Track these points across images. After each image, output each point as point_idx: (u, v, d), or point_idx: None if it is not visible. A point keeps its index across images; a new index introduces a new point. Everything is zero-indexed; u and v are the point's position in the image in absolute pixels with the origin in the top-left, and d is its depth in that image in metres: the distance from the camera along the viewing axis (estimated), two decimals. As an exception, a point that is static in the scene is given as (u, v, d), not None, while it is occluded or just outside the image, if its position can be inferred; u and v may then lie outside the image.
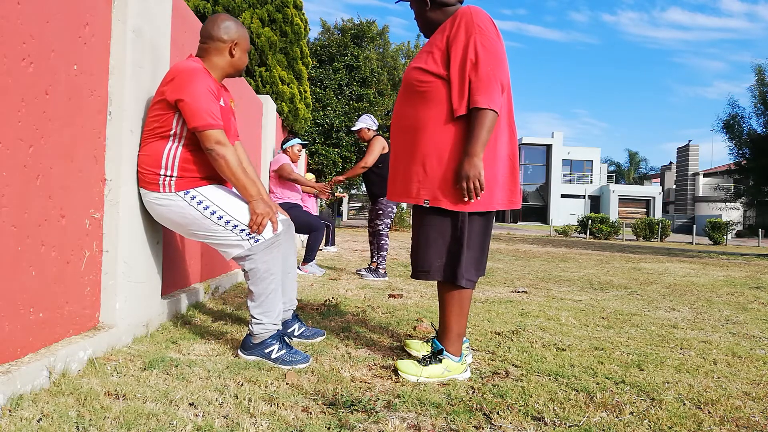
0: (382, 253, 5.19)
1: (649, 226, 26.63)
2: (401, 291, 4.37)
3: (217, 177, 2.29)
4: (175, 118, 2.17)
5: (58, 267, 1.86)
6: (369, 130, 5.32)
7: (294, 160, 5.85)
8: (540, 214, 46.89)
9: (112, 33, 2.20)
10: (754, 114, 16.13)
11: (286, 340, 2.27)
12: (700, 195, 46.58)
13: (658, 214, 42.55)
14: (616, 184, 50.99)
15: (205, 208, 2.18)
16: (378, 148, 5.15)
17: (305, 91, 9.52)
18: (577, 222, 28.47)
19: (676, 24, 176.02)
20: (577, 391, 1.98)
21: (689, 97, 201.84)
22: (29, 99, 1.67)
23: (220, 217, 2.18)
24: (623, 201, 44.41)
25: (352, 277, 5.27)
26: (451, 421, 1.65)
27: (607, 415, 1.75)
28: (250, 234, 2.17)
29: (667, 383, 2.13)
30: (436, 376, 2.01)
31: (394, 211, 5.35)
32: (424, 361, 2.04)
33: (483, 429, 1.61)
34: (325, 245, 8.54)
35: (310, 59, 10.09)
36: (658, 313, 3.90)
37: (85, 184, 2.03)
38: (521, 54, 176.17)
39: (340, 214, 29.69)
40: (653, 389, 2.04)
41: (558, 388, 2.00)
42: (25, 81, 1.65)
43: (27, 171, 1.67)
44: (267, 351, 2.16)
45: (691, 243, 24.23)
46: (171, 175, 2.19)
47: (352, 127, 5.40)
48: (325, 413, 1.65)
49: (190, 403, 1.65)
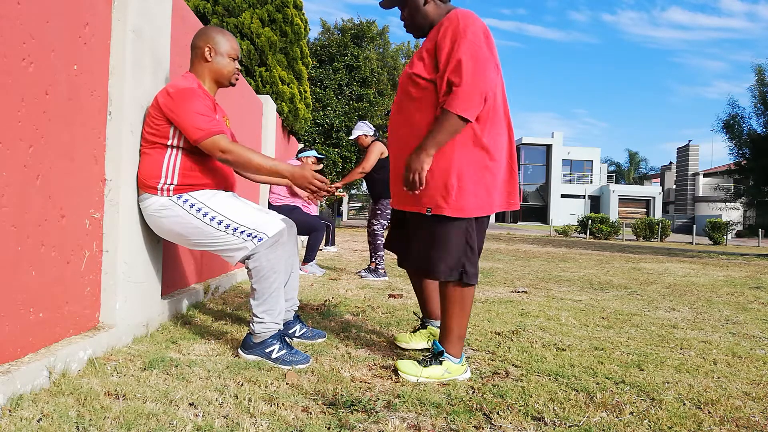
0: (379, 253, 5.20)
1: (649, 226, 26.63)
2: (401, 291, 4.37)
3: (216, 184, 2.30)
4: (171, 128, 2.20)
5: (58, 267, 1.86)
6: (366, 136, 5.35)
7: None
8: (540, 214, 46.89)
9: (112, 33, 2.20)
10: (754, 114, 16.15)
11: (287, 340, 2.27)
12: (700, 195, 46.59)
13: (658, 214, 42.56)
14: (616, 184, 51.00)
15: (204, 215, 2.19)
16: (376, 154, 5.16)
17: (305, 91, 9.51)
18: (577, 222, 28.47)
19: (677, 24, 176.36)
20: (577, 391, 1.98)
21: (689, 97, 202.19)
22: (29, 99, 1.67)
23: (220, 222, 2.18)
24: (623, 201, 44.41)
25: (352, 277, 5.27)
26: (451, 421, 1.65)
27: (607, 415, 1.75)
28: (251, 234, 2.17)
29: (667, 383, 2.13)
30: (436, 377, 2.01)
31: (388, 209, 5.34)
32: (424, 362, 2.04)
33: (483, 429, 1.61)
34: (325, 245, 8.54)
35: (310, 59, 10.08)
36: (658, 313, 3.90)
37: (85, 184, 2.03)
38: (521, 54, 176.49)
39: (340, 214, 29.70)
40: (653, 389, 2.04)
41: (558, 388, 2.00)
42: (25, 81, 1.65)
43: (27, 171, 1.67)
44: (267, 351, 2.16)
45: (691, 243, 24.24)
46: (171, 183, 2.21)
47: (350, 136, 5.42)
48: (325, 413, 1.65)
49: (190, 403, 1.65)
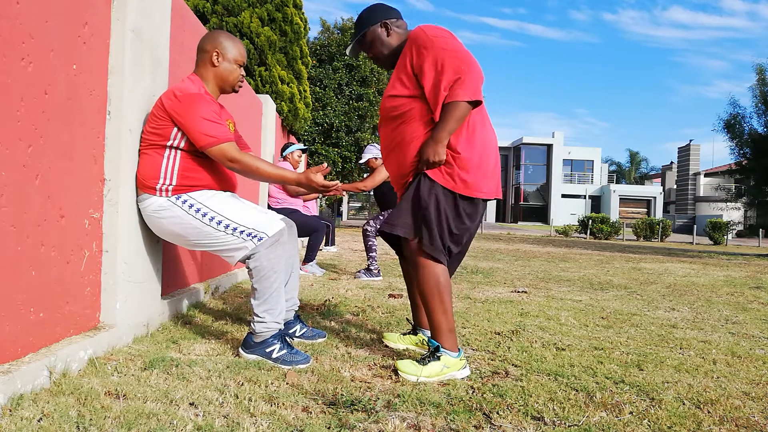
0: (371, 254, 5.24)
1: (649, 226, 26.62)
2: (401, 291, 4.37)
3: (215, 184, 2.31)
4: (174, 130, 2.20)
5: (58, 267, 1.86)
6: (377, 159, 5.40)
7: (295, 167, 5.90)
8: (540, 214, 46.86)
9: (112, 32, 2.20)
10: (755, 114, 16.14)
11: (288, 340, 2.27)
12: (701, 195, 46.55)
13: (659, 214, 42.53)
14: (616, 184, 50.98)
15: (204, 215, 2.19)
16: (383, 175, 5.22)
17: (305, 91, 9.51)
18: (578, 222, 28.46)
19: (678, 23, 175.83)
20: (576, 390, 1.98)
21: (690, 96, 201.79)
22: (28, 98, 1.67)
23: (219, 222, 2.19)
24: (624, 201, 44.38)
25: (352, 277, 5.28)
26: (451, 420, 1.65)
27: (607, 414, 1.75)
28: (250, 234, 2.18)
29: (667, 383, 2.13)
30: (436, 374, 2.02)
31: None
32: (423, 360, 2.05)
33: (483, 429, 1.61)
34: (325, 245, 8.54)
35: (309, 59, 10.09)
36: (658, 313, 3.90)
37: (85, 183, 2.03)
38: (521, 53, 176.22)
39: (340, 214, 29.70)
40: (653, 389, 2.04)
41: (558, 387, 2.00)
42: (25, 80, 1.65)
43: (26, 171, 1.67)
44: (268, 350, 2.16)
45: (691, 243, 24.23)
46: (170, 183, 2.21)
47: (360, 160, 5.48)
48: (325, 413, 1.65)
49: (190, 403, 1.65)
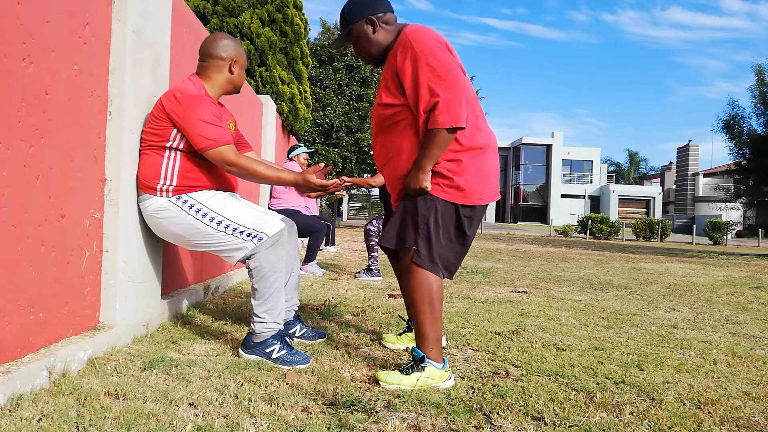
0: (373, 254, 5.25)
1: (649, 226, 26.62)
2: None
3: (215, 185, 2.30)
4: (173, 131, 2.20)
5: (58, 267, 1.86)
6: None
7: (302, 168, 5.91)
8: (540, 214, 46.86)
9: (112, 33, 2.20)
10: (754, 114, 16.15)
11: (288, 340, 2.27)
12: (700, 195, 46.57)
13: (658, 214, 42.53)
14: (616, 184, 50.96)
15: (204, 216, 2.20)
16: None
17: (305, 91, 9.51)
18: (577, 222, 28.46)
19: (677, 23, 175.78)
20: (577, 391, 1.98)
21: (689, 96, 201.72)
22: (29, 99, 1.67)
23: (219, 222, 2.19)
24: (623, 201, 44.39)
25: (352, 277, 5.28)
26: (451, 421, 1.65)
27: (607, 415, 1.75)
28: (250, 234, 2.18)
29: (667, 383, 2.13)
30: (419, 384, 1.93)
31: None
32: (406, 370, 1.96)
33: (483, 429, 1.61)
34: (325, 245, 8.53)
35: (310, 59, 10.08)
36: (658, 313, 3.90)
37: (85, 184, 2.03)
38: (521, 53, 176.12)
39: (340, 214, 29.70)
40: (653, 389, 2.04)
41: (558, 388, 2.00)
42: (25, 81, 1.65)
43: (27, 171, 1.67)
44: (268, 351, 2.16)
45: (691, 243, 24.23)
46: (170, 184, 2.21)
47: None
48: (325, 413, 1.65)
49: (190, 403, 1.65)
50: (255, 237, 2.18)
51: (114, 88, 2.19)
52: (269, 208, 5.66)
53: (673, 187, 51.29)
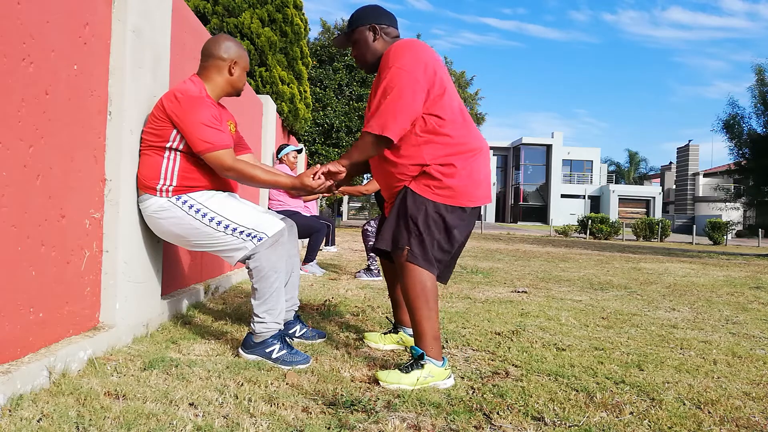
0: (372, 254, 5.24)
1: (649, 226, 26.62)
2: (401, 291, 4.36)
3: (215, 185, 2.31)
4: (173, 132, 2.20)
5: (58, 267, 1.86)
6: None
7: (291, 167, 5.92)
8: (540, 214, 46.86)
9: (112, 33, 2.20)
10: (754, 114, 16.15)
11: (288, 340, 2.27)
12: (700, 195, 46.56)
13: (658, 214, 42.52)
14: (616, 184, 50.94)
15: (203, 216, 2.20)
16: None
17: (305, 91, 9.51)
18: (577, 222, 28.45)
19: (677, 23, 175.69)
20: (577, 391, 1.98)
21: (689, 96, 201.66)
22: (29, 99, 1.67)
23: (219, 222, 2.19)
24: (623, 201, 44.38)
25: (352, 277, 5.28)
26: (451, 421, 1.65)
27: (607, 415, 1.76)
28: (250, 234, 2.18)
29: (667, 383, 2.13)
30: (419, 383, 1.94)
31: None
32: (406, 368, 1.97)
33: (483, 429, 1.61)
34: (325, 245, 8.53)
35: (310, 59, 10.08)
36: (658, 313, 3.90)
37: (85, 184, 2.03)
38: (521, 53, 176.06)
39: (340, 214, 29.70)
40: (653, 389, 2.04)
41: (558, 388, 2.00)
42: (25, 81, 1.65)
43: (27, 171, 1.67)
44: (268, 350, 2.16)
45: (691, 243, 24.23)
46: (170, 184, 2.21)
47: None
48: (325, 413, 1.65)
49: (190, 403, 1.65)
50: (255, 237, 2.18)
51: (114, 88, 2.19)
52: (269, 209, 5.66)
53: (673, 187, 51.29)
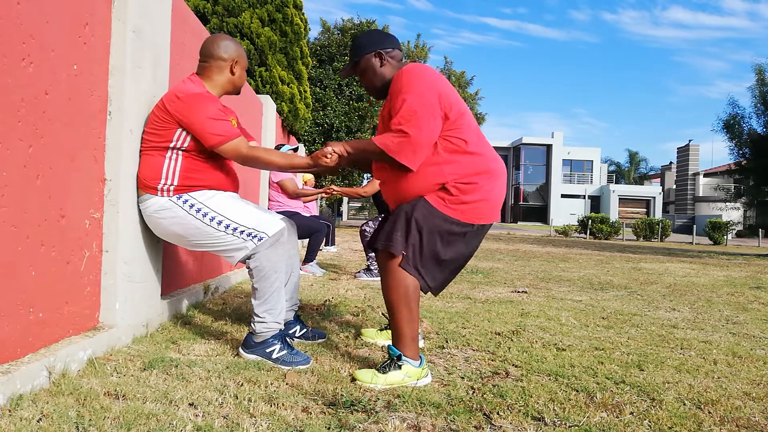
0: (371, 254, 5.25)
1: (649, 226, 26.62)
2: (401, 291, 4.36)
3: (217, 185, 2.30)
4: (176, 132, 2.20)
5: (58, 267, 1.85)
6: None
7: None
8: (540, 214, 46.87)
9: (112, 33, 2.20)
10: (754, 114, 16.16)
11: (288, 340, 2.27)
12: (701, 195, 46.55)
13: (659, 214, 42.51)
14: (616, 184, 50.96)
15: (204, 215, 2.20)
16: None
17: (305, 91, 9.51)
18: (578, 222, 28.46)
19: (678, 23, 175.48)
20: (577, 391, 1.98)
21: (690, 96, 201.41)
22: (29, 99, 1.67)
23: (220, 222, 2.19)
24: (623, 201, 44.38)
25: (352, 277, 5.28)
26: (451, 421, 1.65)
27: (607, 415, 1.75)
28: (251, 234, 2.18)
29: (668, 383, 2.13)
30: (397, 382, 1.96)
31: None
32: (383, 368, 1.99)
33: (483, 429, 1.61)
34: (324, 245, 8.54)
35: (310, 59, 10.08)
36: (659, 313, 3.90)
37: (85, 184, 2.03)
38: (521, 53, 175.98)
39: (340, 214, 29.71)
40: (653, 389, 2.04)
41: (558, 388, 2.00)
42: (25, 81, 1.65)
43: (27, 171, 1.67)
44: (268, 350, 2.16)
45: (691, 243, 24.22)
46: (171, 184, 2.21)
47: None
48: (325, 413, 1.65)
49: (190, 403, 1.65)
50: (255, 237, 2.18)
51: (114, 88, 2.19)
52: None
53: (674, 187, 51.28)
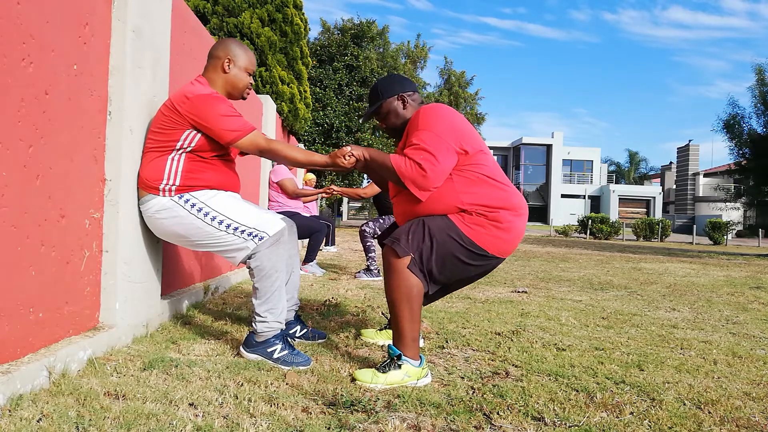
0: (371, 254, 5.28)
1: (649, 226, 26.61)
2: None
3: (218, 184, 2.30)
4: (185, 133, 2.19)
5: (57, 267, 1.85)
6: None
7: (289, 168, 5.92)
8: (540, 214, 46.86)
9: (112, 33, 2.20)
10: (754, 114, 16.14)
11: (289, 341, 2.27)
12: (701, 195, 46.55)
13: (659, 214, 42.51)
14: (616, 184, 50.93)
15: (205, 215, 2.19)
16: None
17: (305, 91, 9.51)
18: (578, 222, 28.44)
19: (678, 23, 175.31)
20: (577, 391, 1.98)
21: (690, 96, 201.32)
22: (29, 99, 1.67)
23: (221, 222, 2.19)
24: (623, 201, 44.37)
25: (352, 277, 5.28)
26: (451, 421, 1.65)
27: (607, 415, 1.75)
28: (252, 234, 2.18)
29: (668, 383, 2.13)
30: (397, 382, 1.96)
31: (390, 222, 5.38)
32: (383, 368, 1.99)
33: (483, 429, 1.61)
34: (325, 245, 8.54)
35: (310, 59, 10.09)
36: (659, 313, 3.90)
37: (85, 184, 2.03)
38: (521, 53, 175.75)
39: (340, 214, 29.70)
40: (653, 389, 2.04)
41: (558, 388, 2.00)
42: (25, 81, 1.65)
43: (27, 171, 1.67)
44: (269, 350, 2.16)
45: (691, 243, 24.22)
46: (173, 183, 2.21)
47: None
48: (325, 413, 1.65)
49: (190, 403, 1.65)
50: (256, 236, 2.18)
51: (114, 88, 2.19)
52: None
53: (674, 187, 51.27)
